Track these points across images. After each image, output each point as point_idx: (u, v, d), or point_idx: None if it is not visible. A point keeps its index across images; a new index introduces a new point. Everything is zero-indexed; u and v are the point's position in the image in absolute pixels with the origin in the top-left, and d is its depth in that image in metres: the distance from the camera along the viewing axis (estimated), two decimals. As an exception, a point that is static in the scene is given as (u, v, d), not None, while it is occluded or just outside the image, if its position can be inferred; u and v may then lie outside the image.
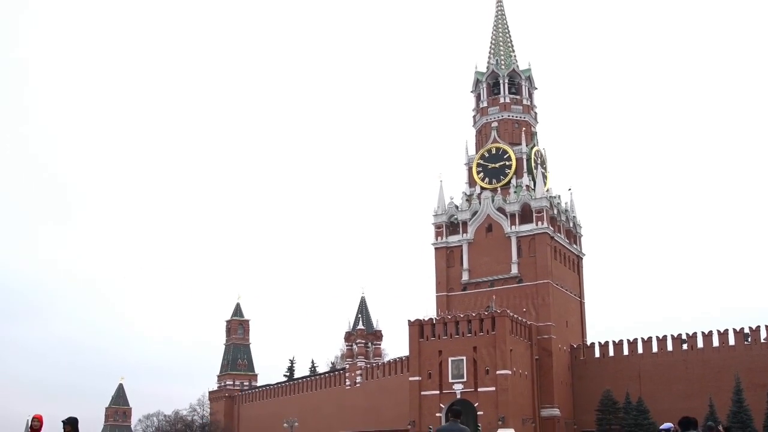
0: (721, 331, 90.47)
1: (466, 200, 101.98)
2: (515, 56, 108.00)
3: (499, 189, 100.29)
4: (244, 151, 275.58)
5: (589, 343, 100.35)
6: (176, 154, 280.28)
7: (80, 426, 14.12)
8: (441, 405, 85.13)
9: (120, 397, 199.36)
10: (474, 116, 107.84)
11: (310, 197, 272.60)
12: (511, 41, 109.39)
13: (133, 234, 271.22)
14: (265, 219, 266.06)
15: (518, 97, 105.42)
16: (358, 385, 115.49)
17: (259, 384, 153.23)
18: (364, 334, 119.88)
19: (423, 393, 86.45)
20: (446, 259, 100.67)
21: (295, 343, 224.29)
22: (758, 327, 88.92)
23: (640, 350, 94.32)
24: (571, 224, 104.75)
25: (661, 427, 16.63)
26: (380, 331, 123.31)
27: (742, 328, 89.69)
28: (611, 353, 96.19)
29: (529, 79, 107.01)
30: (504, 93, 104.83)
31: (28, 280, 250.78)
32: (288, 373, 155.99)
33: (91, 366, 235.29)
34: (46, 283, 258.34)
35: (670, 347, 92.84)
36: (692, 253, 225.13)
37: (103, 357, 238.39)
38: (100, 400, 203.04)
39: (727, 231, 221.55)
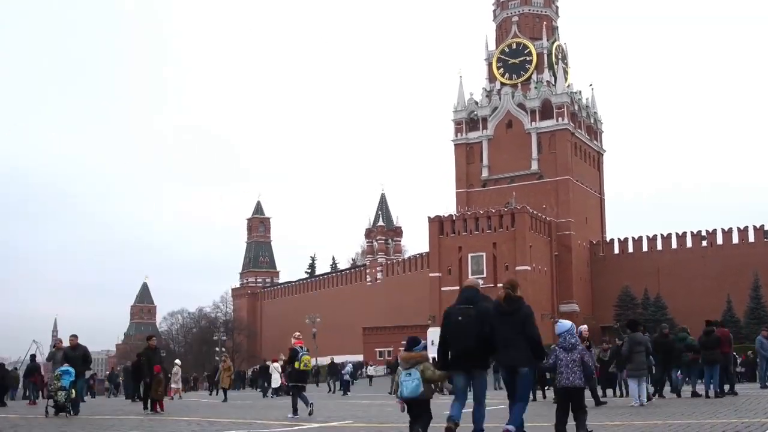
0: (741, 228, 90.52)
1: (486, 96, 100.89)
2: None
3: (519, 84, 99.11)
4: (265, 46, 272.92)
5: (608, 240, 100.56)
6: (200, 46, 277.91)
7: (107, 325, 13.94)
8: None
9: (145, 295, 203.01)
10: (494, 10, 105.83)
11: (330, 94, 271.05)
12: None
13: (153, 135, 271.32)
14: (285, 117, 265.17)
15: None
16: (378, 281, 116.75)
17: (280, 281, 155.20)
18: (384, 230, 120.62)
19: (443, 288, 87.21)
20: (466, 155, 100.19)
21: (316, 241, 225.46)
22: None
23: (659, 247, 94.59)
24: (592, 120, 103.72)
25: (558, 324, 10.90)
26: (400, 227, 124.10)
27: (762, 225, 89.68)
28: (630, 249, 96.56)
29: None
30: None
31: (54, 181, 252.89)
32: (309, 270, 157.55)
33: (116, 265, 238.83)
34: (71, 185, 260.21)
35: (689, 244, 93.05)
36: (714, 150, 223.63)
37: (128, 256, 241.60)
38: (126, 299, 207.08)
39: (748, 128, 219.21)
